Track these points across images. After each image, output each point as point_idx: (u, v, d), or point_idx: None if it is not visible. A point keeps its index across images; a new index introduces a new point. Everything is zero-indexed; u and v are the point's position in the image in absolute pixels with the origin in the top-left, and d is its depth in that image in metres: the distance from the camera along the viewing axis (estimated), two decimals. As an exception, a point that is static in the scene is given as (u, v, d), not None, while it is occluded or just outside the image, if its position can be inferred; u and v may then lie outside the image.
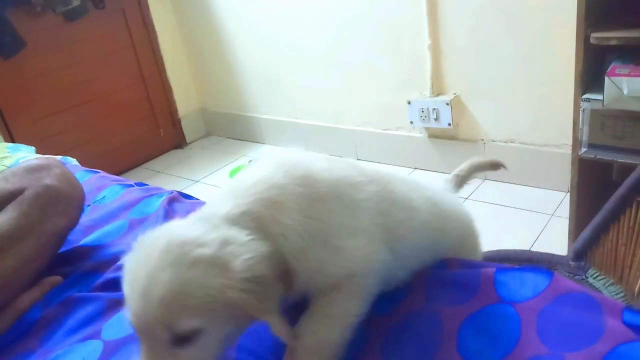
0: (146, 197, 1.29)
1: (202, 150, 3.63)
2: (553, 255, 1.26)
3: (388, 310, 0.80)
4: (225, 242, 0.66)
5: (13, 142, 2.75)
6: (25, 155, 1.93)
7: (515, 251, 1.32)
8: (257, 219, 0.70)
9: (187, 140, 3.71)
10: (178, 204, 1.22)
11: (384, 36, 2.53)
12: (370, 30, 2.57)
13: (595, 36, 1.53)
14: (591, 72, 1.63)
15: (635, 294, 1.12)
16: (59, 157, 1.75)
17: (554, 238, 1.99)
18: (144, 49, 3.36)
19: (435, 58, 2.38)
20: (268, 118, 3.32)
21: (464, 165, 1.15)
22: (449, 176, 1.12)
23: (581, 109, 1.62)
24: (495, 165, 1.20)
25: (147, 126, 3.52)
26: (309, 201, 0.74)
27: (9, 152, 2.02)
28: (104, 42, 3.17)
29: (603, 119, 1.60)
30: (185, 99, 3.67)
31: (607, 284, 1.17)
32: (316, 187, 0.75)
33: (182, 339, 0.63)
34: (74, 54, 3.05)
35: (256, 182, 0.74)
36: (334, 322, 0.73)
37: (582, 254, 1.20)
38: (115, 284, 0.99)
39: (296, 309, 0.76)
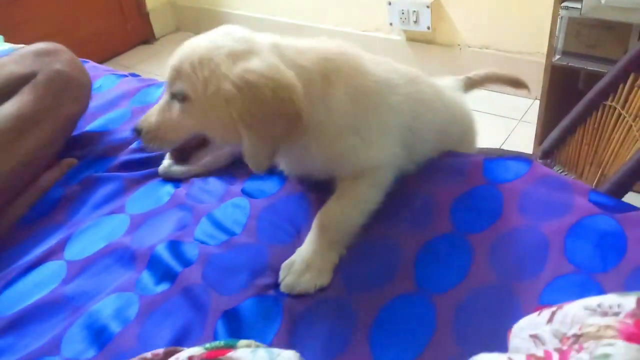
0: (144, 87, 1.32)
1: (171, 46, 3.47)
2: (522, 153, 1.37)
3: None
4: (256, 52, 0.75)
5: (-27, 28, 2.63)
6: (-7, 43, 1.87)
7: (488, 149, 1.42)
8: (306, 71, 0.77)
9: (156, 36, 3.61)
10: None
11: None
12: None
13: (580, -56, 1.57)
14: (571, -19, 1.68)
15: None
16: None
17: (520, 142, 2.12)
18: None
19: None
20: (242, 14, 3.24)
21: (480, 71, 1.20)
22: (461, 77, 1.18)
23: (559, 16, 1.69)
24: (517, 83, 1.25)
25: (113, 19, 3.39)
26: (357, 91, 0.81)
27: (-24, 39, 1.96)
28: None
29: (579, 28, 1.68)
30: (154, -10, 3.53)
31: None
32: (366, 80, 0.82)
33: (176, 97, 0.79)
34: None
35: (320, 53, 0.80)
36: (358, 206, 0.83)
37: (549, 152, 1.32)
38: (130, 165, 1.05)
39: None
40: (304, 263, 0.78)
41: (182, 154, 0.87)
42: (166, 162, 1.02)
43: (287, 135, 0.76)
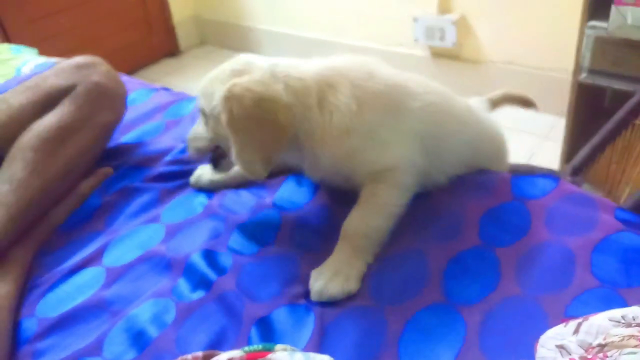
0: (176, 100, 1.37)
1: (196, 59, 3.60)
2: (549, 169, 1.38)
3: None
4: (249, 71, 0.85)
5: (9, 42, 2.72)
6: (28, 57, 1.94)
7: (517, 164, 1.44)
8: (301, 82, 0.85)
9: (181, 49, 3.68)
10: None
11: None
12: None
13: (607, -36, 1.59)
14: (597, 0, 1.69)
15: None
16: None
17: (545, 159, 2.12)
18: (140, -51, 3.26)
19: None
20: (266, 29, 3.30)
21: (498, 92, 1.22)
22: (482, 98, 1.21)
23: (585, 35, 1.70)
24: (526, 102, 1.28)
25: (140, 32, 3.46)
26: (365, 93, 0.85)
27: (12, 54, 2.03)
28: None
29: (605, 46, 1.69)
30: (180, 5, 3.60)
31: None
32: (376, 83, 0.86)
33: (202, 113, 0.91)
34: (69, -47, 2.95)
35: (325, 65, 0.89)
36: (379, 210, 0.85)
37: (578, 170, 1.32)
38: (165, 176, 1.09)
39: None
40: (331, 270, 0.81)
41: (215, 161, 0.96)
42: (197, 173, 1.06)
43: (276, 144, 0.83)
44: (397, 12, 2.61)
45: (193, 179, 1.06)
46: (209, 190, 1.05)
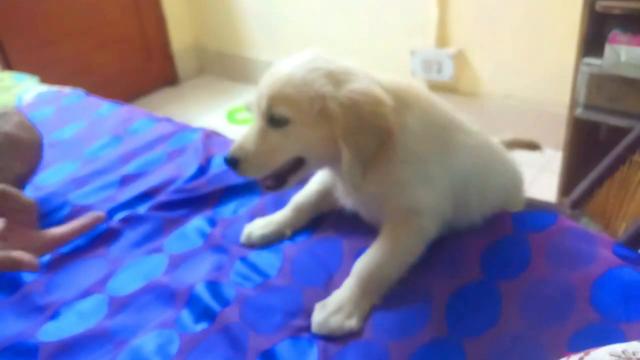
0: (179, 131, 1.38)
1: (195, 89, 3.63)
2: (552, 203, 1.40)
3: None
4: (353, 74, 0.82)
5: (10, 69, 2.74)
6: (30, 85, 1.95)
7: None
8: (389, 93, 0.81)
9: (180, 77, 3.71)
10: (215, 138, 1.31)
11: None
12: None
13: (601, 4, 1.64)
14: (592, 37, 1.73)
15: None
16: (68, 89, 1.79)
17: (542, 191, 2.14)
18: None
19: (442, 8, 2.44)
20: (265, 59, 3.34)
21: (506, 137, 1.23)
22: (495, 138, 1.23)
23: (581, 71, 1.73)
24: (532, 146, 1.31)
25: (139, 60, 3.49)
26: (431, 121, 0.86)
27: (14, 81, 2.04)
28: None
29: (600, 82, 1.73)
30: (180, 34, 3.64)
31: (597, 231, 1.32)
32: (441, 113, 0.88)
33: (275, 121, 0.82)
34: (71, -17, 3.00)
35: (391, 79, 0.86)
36: (397, 258, 0.85)
37: (578, 203, 1.34)
38: (168, 206, 1.10)
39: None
40: (335, 305, 0.81)
41: (279, 178, 0.88)
42: (246, 231, 1.00)
43: (379, 151, 0.81)
44: (395, 46, 2.66)
45: (244, 238, 0.99)
46: (261, 246, 0.98)
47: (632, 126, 1.41)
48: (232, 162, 0.84)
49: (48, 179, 1.26)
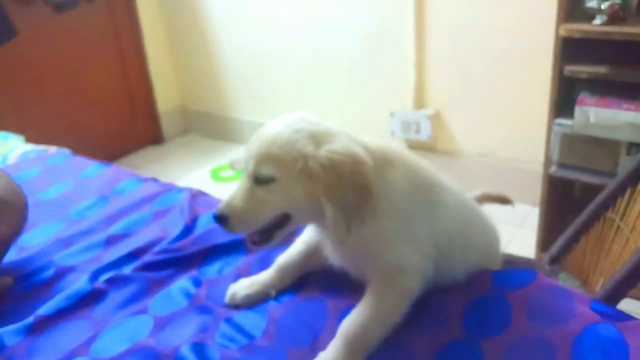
0: (165, 191, 1.40)
1: (180, 148, 3.66)
2: (531, 259, 1.43)
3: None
4: (334, 135, 0.85)
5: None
6: (15, 144, 1.96)
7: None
8: (370, 151, 0.85)
9: (165, 137, 3.74)
10: (201, 198, 1.33)
11: (370, 48, 2.67)
12: (356, 42, 2.71)
13: (569, 69, 1.73)
14: (563, 99, 1.82)
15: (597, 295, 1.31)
16: (54, 149, 1.80)
17: (521, 247, 2.17)
18: (128, 43, 3.39)
19: (419, 72, 2.55)
20: (249, 120, 3.40)
21: (477, 192, 1.28)
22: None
23: (553, 132, 1.81)
24: (503, 200, 1.35)
25: (125, 120, 3.51)
26: (416, 179, 0.90)
27: (1, 140, 2.05)
28: (90, 34, 3.18)
29: (572, 142, 1.80)
30: (166, 95, 3.69)
31: (575, 286, 1.35)
32: (425, 172, 0.91)
33: (261, 180, 0.85)
34: (60, 45, 3.04)
35: (374, 140, 0.90)
36: (382, 319, 0.86)
37: (556, 259, 1.37)
38: (154, 267, 1.10)
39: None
40: None
41: (266, 234, 0.90)
42: (230, 291, 1.01)
43: (360, 206, 0.83)
44: (375, 107, 2.74)
45: (228, 298, 1.00)
46: (246, 307, 0.99)
47: (604, 183, 1.46)
48: (221, 219, 0.87)
49: (33, 240, 1.26)
